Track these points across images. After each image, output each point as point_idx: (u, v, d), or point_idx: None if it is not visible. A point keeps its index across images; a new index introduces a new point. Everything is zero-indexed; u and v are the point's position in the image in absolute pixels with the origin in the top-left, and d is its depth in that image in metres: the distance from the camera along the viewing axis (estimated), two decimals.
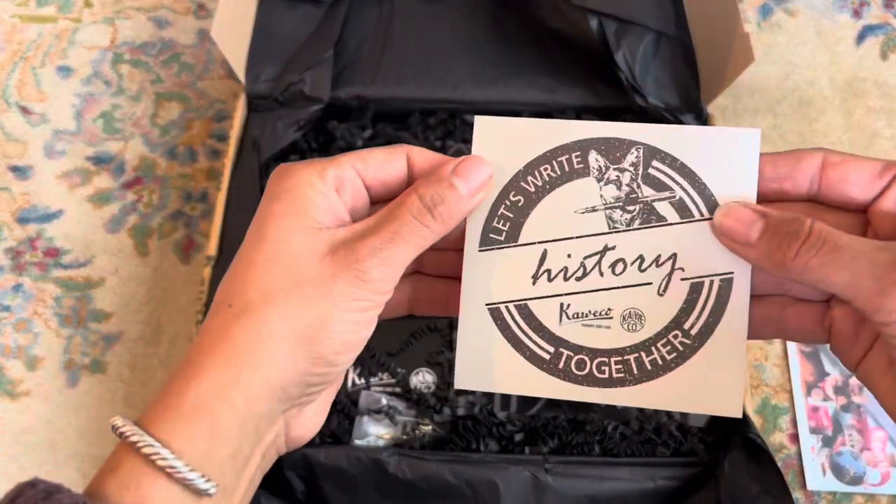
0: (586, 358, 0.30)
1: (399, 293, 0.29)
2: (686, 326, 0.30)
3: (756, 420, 0.51)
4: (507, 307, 0.30)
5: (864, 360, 0.27)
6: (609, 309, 0.30)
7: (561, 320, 0.30)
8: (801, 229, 0.25)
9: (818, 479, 0.57)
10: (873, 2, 0.81)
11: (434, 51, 0.68)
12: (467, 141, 0.64)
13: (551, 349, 0.30)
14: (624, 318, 0.30)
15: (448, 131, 0.65)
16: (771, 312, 0.29)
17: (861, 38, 0.79)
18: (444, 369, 0.53)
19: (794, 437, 0.59)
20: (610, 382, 0.30)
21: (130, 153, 0.71)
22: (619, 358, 0.30)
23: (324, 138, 0.65)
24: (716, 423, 0.53)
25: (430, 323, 0.55)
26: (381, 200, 0.29)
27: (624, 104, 0.64)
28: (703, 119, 0.63)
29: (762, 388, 0.61)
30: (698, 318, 0.29)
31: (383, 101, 0.65)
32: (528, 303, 0.30)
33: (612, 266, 0.30)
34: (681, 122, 0.61)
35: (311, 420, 0.29)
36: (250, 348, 0.25)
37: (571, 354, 0.30)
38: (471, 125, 0.65)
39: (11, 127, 0.72)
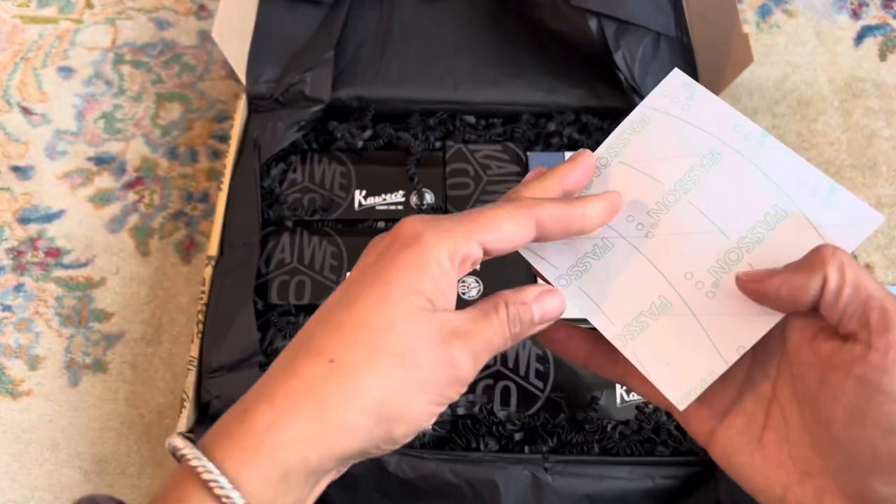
0: None
1: None
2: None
3: None
4: None
5: (721, 427, 0.28)
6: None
7: None
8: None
9: None
10: (872, 2, 0.81)
11: (434, 51, 0.68)
12: (467, 141, 0.65)
13: None
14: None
15: (448, 131, 0.65)
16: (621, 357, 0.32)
17: (860, 38, 0.79)
18: None
19: None
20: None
21: (131, 153, 0.71)
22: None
23: (324, 138, 0.65)
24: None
25: None
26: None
27: (624, 105, 0.65)
28: None
29: None
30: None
31: (384, 101, 0.65)
32: None
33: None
34: None
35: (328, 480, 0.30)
36: (340, 414, 0.25)
37: None
38: (471, 125, 0.66)
39: (12, 127, 0.72)
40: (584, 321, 0.36)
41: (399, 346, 0.26)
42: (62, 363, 0.62)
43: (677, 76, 0.32)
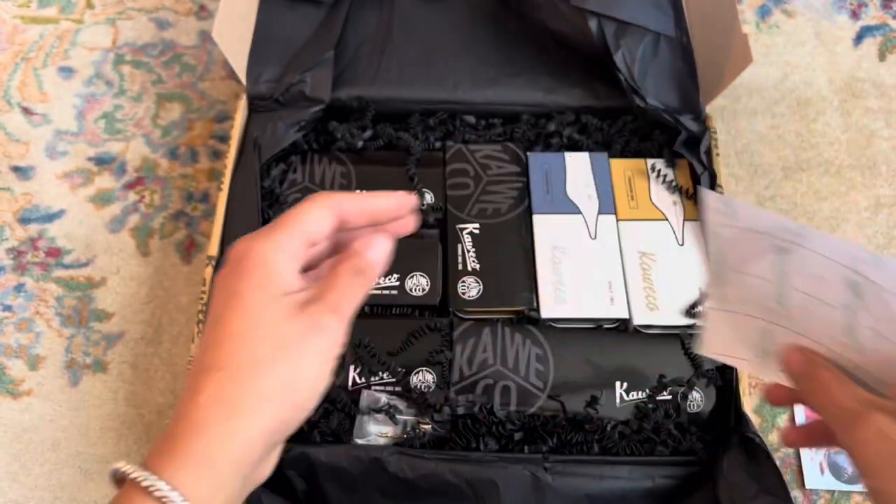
0: None
1: None
2: None
3: (754, 419, 0.51)
4: None
5: None
6: None
7: None
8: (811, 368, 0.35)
9: (816, 477, 0.57)
10: (871, 3, 0.81)
11: (434, 51, 0.68)
12: (467, 141, 0.65)
13: None
14: None
15: (448, 132, 0.66)
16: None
17: (859, 38, 0.79)
18: (444, 368, 0.54)
19: None
20: None
21: (132, 154, 0.71)
22: None
23: (324, 139, 0.65)
24: (714, 421, 0.53)
25: (430, 322, 0.55)
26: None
27: (623, 105, 0.65)
28: (701, 120, 0.64)
29: (761, 388, 0.61)
30: None
31: (384, 101, 0.65)
32: None
33: None
34: (680, 123, 0.62)
35: (272, 461, 0.33)
36: (246, 406, 0.29)
37: None
38: (471, 126, 0.66)
39: (13, 127, 0.72)
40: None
41: (269, 336, 0.30)
42: (62, 363, 0.62)
43: (710, 198, 0.36)
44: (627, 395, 0.53)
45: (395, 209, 0.37)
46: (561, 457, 0.50)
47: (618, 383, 0.53)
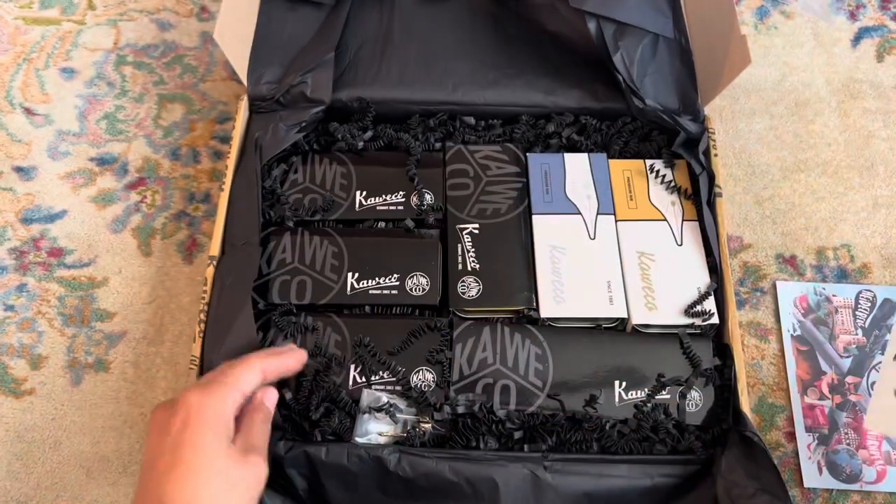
0: None
1: None
2: None
3: (753, 418, 0.52)
4: None
5: None
6: None
7: None
8: None
9: (814, 477, 0.58)
10: (869, 4, 0.82)
11: (434, 53, 0.68)
12: (467, 142, 0.65)
13: None
14: None
15: (448, 132, 0.66)
16: None
17: (857, 39, 0.79)
18: (444, 367, 0.54)
19: (791, 436, 0.60)
20: None
21: (134, 154, 0.72)
22: None
23: (325, 139, 0.66)
24: (713, 420, 0.53)
25: (430, 322, 0.55)
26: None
27: (622, 106, 0.65)
28: (700, 120, 0.64)
29: (759, 387, 0.61)
30: None
31: (384, 102, 0.65)
32: None
33: None
34: (678, 124, 0.62)
35: None
36: None
37: None
38: (471, 126, 0.66)
39: (15, 128, 0.73)
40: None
41: (222, 478, 0.39)
42: (64, 362, 0.62)
43: None
44: (626, 395, 0.53)
45: (298, 366, 0.50)
46: (560, 455, 0.50)
47: (616, 382, 0.53)
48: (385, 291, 0.57)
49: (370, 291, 0.57)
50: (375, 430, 0.52)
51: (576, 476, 0.49)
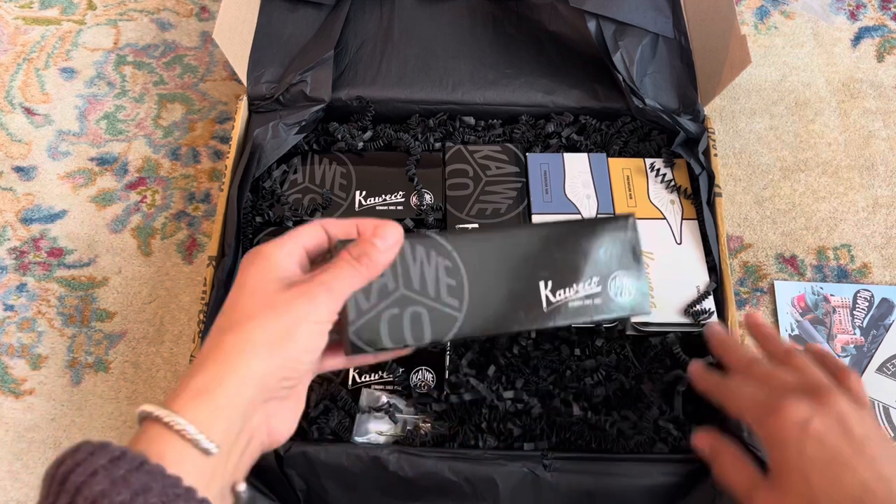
0: None
1: None
2: None
3: None
4: None
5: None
6: None
7: None
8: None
9: None
10: (869, 4, 0.81)
11: (434, 52, 0.68)
12: (467, 142, 0.65)
13: None
14: None
15: (448, 132, 0.66)
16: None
17: (857, 39, 0.79)
18: (443, 365, 0.54)
19: None
20: None
21: (133, 154, 0.72)
22: None
23: (325, 139, 0.66)
24: (713, 419, 0.53)
25: None
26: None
27: (622, 106, 0.65)
28: (700, 120, 0.64)
29: None
30: None
31: (384, 102, 0.66)
32: None
33: None
34: (678, 124, 0.62)
35: (286, 420, 0.38)
36: (238, 350, 0.34)
37: None
38: (470, 126, 0.66)
39: (15, 128, 0.73)
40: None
41: (260, 299, 0.35)
42: (64, 362, 0.62)
43: None
44: (554, 296, 0.43)
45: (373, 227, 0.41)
46: (560, 454, 0.50)
47: (541, 283, 0.43)
48: None
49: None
50: (375, 430, 0.52)
51: (575, 475, 0.49)
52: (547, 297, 0.43)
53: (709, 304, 0.56)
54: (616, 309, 0.44)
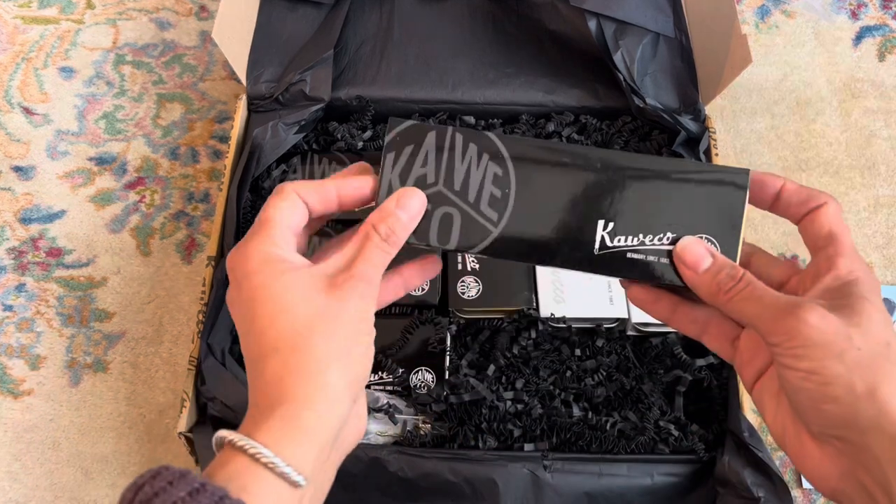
0: None
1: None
2: None
3: (754, 419, 0.51)
4: None
5: (758, 382, 0.35)
6: None
7: None
8: (735, 275, 0.34)
9: None
10: (871, 3, 0.81)
11: (434, 52, 0.68)
12: None
13: None
14: None
15: None
16: (700, 315, 0.37)
17: (858, 39, 0.79)
18: (443, 365, 0.54)
19: None
20: None
21: (132, 154, 0.71)
22: None
23: (325, 139, 0.65)
24: (714, 420, 0.53)
25: (422, 317, 0.55)
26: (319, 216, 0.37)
27: (622, 105, 0.65)
28: (701, 120, 0.64)
29: None
30: None
31: (383, 101, 0.65)
32: None
33: None
34: (679, 123, 0.62)
35: (360, 420, 0.36)
36: (310, 369, 0.31)
37: None
38: (470, 126, 0.66)
39: (14, 127, 0.73)
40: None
41: (304, 310, 0.32)
42: (63, 363, 0.62)
43: None
44: (611, 240, 0.37)
45: (357, 190, 0.37)
46: (560, 454, 0.50)
47: (601, 222, 0.37)
48: None
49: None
50: (375, 431, 0.52)
51: (576, 475, 0.49)
52: (602, 239, 0.37)
53: None
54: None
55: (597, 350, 0.56)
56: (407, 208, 0.36)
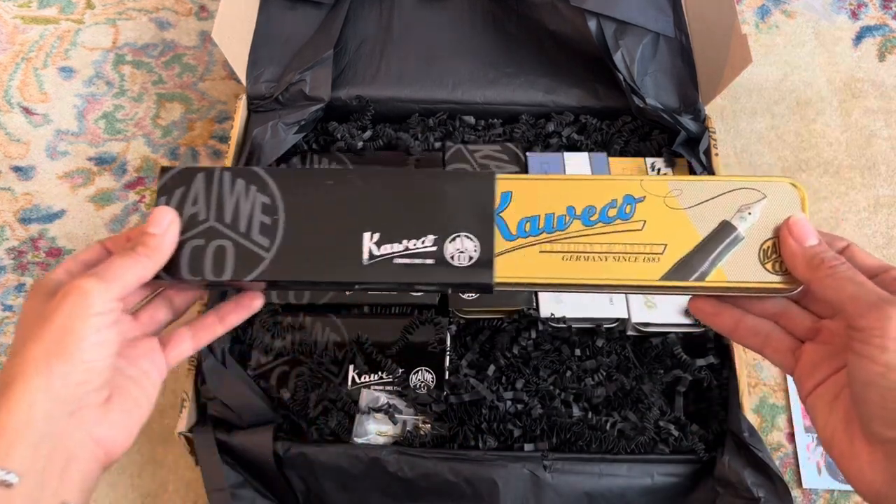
0: None
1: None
2: None
3: (754, 419, 0.51)
4: None
5: (814, 391, 0.36)
6: None
7: None
8: (838, 255, 0.36)
9: (814, 477, 0.57)
10: (871, 3, 0.81)
11: (434, 52, 0.68)
12: (467, 141, 0.65)
13: None
14: None
15: (448, 132, 0.66)
16: (762, 328, 0.39)
17: (859, 39, 0.79)
18: (443, 365, 0.54)
19: (792, 437, 0.59)
20: None
21: (132, 154, 0.71)
22: None
23: (324, 139, 0.65)
24: (714, 420, 0.53)
25: (422, 317, 0.55)
26: None
27: (622, 105, 0.65)
28: (701, 120, 0.64)
29: (760, 388, 0.61)
30: None
31: (383, 101, 0.65)
32: None
33: None
34: (679, 123, 0.62)
35: (120, 427, 0.35)
36: (17, 371, 0.32)
37: None
38: (470, 125, 0.66)
39: (14, 127, 0.73)
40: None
41: (32, 319, 0.34)
42: None
43: None
44: (378, 249, 0.39)
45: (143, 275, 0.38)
46: (560, 455, 0.50)
47: (367, 234, 0.39)
48: (385, 291, 0.57)
49: (370, 291, 0.57)
50: (374, 431, 0.52)
51: (576, 475, 0.49)
52: (370, 250, 0.39)
53: None
54: (451, 276, 0.38)
55: (597, 350, 0.56)
56: (156, 222, 0.38)
